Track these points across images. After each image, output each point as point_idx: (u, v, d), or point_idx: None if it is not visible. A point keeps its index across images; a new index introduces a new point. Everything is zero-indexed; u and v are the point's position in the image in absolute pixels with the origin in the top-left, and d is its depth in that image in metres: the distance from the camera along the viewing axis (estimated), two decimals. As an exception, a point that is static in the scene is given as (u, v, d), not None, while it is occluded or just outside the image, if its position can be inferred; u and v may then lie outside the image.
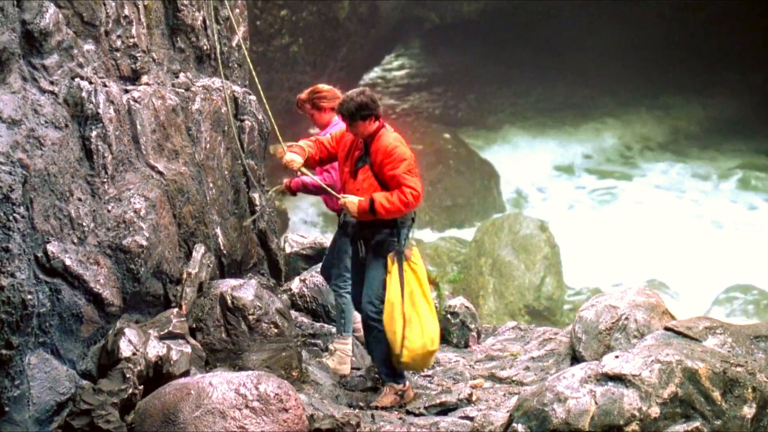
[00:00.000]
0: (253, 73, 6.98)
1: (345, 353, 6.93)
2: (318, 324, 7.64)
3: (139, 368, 5.27)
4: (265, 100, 6.96)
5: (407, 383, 6.54)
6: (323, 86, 7.33)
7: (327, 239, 8.46)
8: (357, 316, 7.14)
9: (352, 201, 6.31)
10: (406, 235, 6.45)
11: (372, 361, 6.76)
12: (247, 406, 4.78)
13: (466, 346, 8.09)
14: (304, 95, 7.26)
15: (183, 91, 6.86)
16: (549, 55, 25.26)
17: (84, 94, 5.50)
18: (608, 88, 25.40)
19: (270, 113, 7.09)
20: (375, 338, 6.45)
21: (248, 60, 6.95)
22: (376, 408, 6.30)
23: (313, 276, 8.09)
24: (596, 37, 24.81)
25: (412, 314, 6.26)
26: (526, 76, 25.96)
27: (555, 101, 25.74)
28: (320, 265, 7.79)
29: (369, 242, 6.45)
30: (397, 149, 6.28)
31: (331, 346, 7.05)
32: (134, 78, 6.25)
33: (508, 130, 24.84)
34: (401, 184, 6.21)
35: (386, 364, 6.45)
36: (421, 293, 6.35)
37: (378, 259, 6.40)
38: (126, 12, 6.14)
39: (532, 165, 22.85)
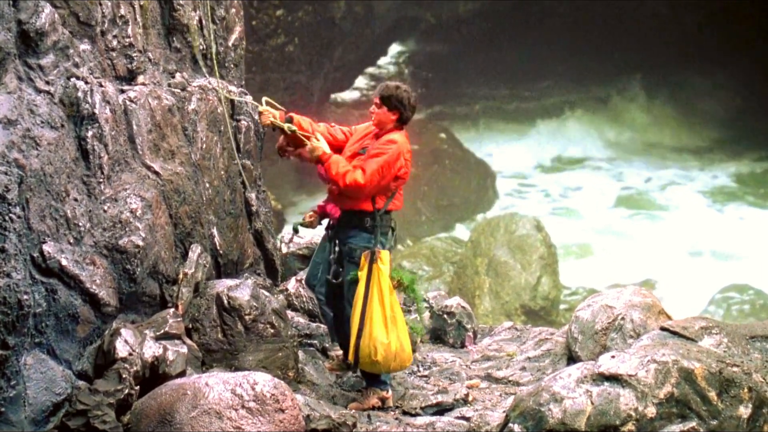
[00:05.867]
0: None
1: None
2: (314, 324, 7.63)
3: (135, 368, 5.26)
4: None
5: (390, 392, 6.47)
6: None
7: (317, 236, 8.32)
8: None
9: (318, 146, 6.21)
10: (385, 240, 6.31)
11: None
12: (243, 407, 4.77)
13: (463, 346, 8.09)
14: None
15: (179, 91, 6.85)
16: (544, 54, 25.30)
17: (80, 94, 5.49)
18: (605, 86, 25.45)
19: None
20: None
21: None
22: (357, 410, 6.25)
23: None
24: (592, 37, 24.86)
25: (367, 320, 6.10)
26: (521, 76, 25.99)
27: (552, 100, 25.79)
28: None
29: (344, 244, 6.33)
30: (393, 145, 6.14)
31: (331, 353, 7.07)
32: (130, 78, 6.25)
33: (505, 129, 24.89)
34: (362, 166, 6.05)
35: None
36: (378, 299, 6.12)
37: (354, 265, 6.26)
38: (122, 12, 6.13)
39: (530, 164, 22.89)
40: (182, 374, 5.53)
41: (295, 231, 7.38)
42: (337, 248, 6.39)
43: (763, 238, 18.33)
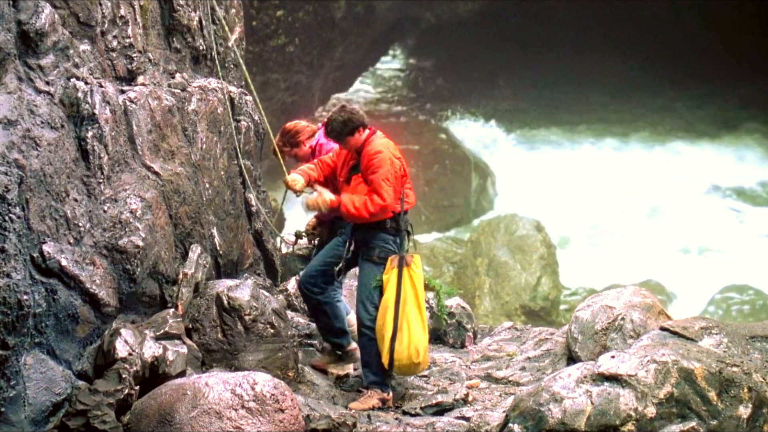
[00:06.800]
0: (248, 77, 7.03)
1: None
2: (314, 324, 7.63)
3: (135, 368, 5.27)
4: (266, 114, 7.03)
5: (391, 393, 6.51)
6: (289, 125, 7.40)
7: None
8: (350, 317, 7.16)
9: (324, 199, 6.38)
10: (405, 243, 6.46)
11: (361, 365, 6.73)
12: (243, 407, 4.78)
13: (463, 346, 8.08)
14: (277, 141, 7.34)
15: (179, 91, 6.86)
16: (544, 55, 25.30)
17: (80, 94, 5.49)
18: (603, 87, 25.43)
19: (270, 130, 7.17)
20: (364, 344, 6.48)
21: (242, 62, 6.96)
22: (357, 410, 6.28)
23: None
24: (591, 37, 24.86)
25: (402, 323, 6.24)
26: (521, 76, 25.98)
27: (550, 100, 25.77)
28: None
29: (363, 246, 6.45)
30: (380, 155, 6.31)
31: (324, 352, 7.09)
32: (130, 78, 6.25)
33: (504, 129, 24.87)
34: (375, 190, 6.24)
35: (373, 370, 6.45)
36: (414, 302, 6.32)
37: (374, 264, 6.40)
38: (122, 12, 6.14)
39: (527, 164, 22.87)
40: (182, 374, 5.53)
41: (298, 237, 7.45)
42: (352, 248, 6.50)
43: (763, 238, 18.34)
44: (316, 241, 7.60)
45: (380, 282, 6.33)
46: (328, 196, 6.41)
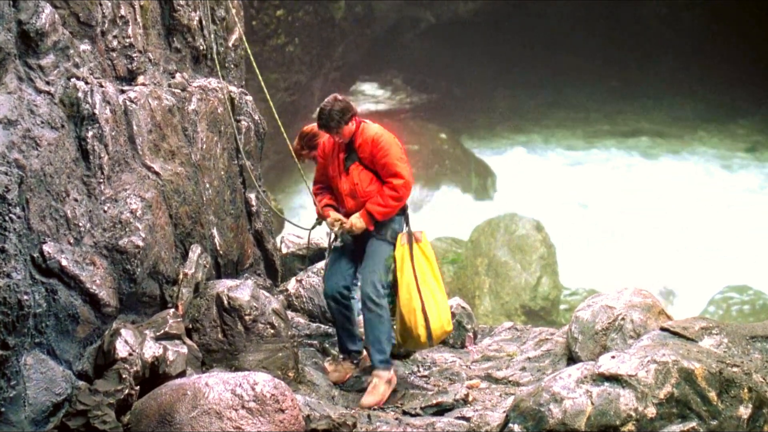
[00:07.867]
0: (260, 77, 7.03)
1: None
2: (314, 324, 7.64)
3: (135, 369, 5.27)
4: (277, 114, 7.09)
5: (392, 369, 6.64)
6: (306, 128, 7.49)
7: (323, 239, 8.33)
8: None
9: (355, 222, 6.53)
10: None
11: (365, 343, 6.77)
12: (243, 407, 4.78)
13: (463, 346, 8.09)
14: (297, 145, 7.46)
15: (179, 91, 6.86)
16: (544, 55, 25.32)
17: (80, 94, 5.49)
18: (603, 87, 25.44)
19: (283, 131, 7.24)
20: (371, 321, 6.53)
21: (253, 63, 6.98)
22: (369, 408, 6.31)
23: (310, 276, 8.08)
24: (591, 37, 24.87)
25: (427, 296, 6.49)
26: (521, 76, 25.99)
27: (550, 101, 25.79)
28: (317, 266, 7.80)
29: (375, 228, 6.57)
30: (383, 137, 6.47)
31: (334, 352, 7.09)
32: (130, 78, 6.25)
33: (504, 129, 24.88)
34: (391, 173, 6.39)
35: (378, 348, 6.54)
36: (432, 275, 6.58)
37: (384, 242, 6.55)
38: (122, 12, 6.14)
39: (527, 164, 22.88)
40: (182, 374, 5.53)
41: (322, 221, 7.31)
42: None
43: (763, 237, 18.33)
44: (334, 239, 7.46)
45: (392, 260, 6.51)
46: (353, 219, 6.55)
